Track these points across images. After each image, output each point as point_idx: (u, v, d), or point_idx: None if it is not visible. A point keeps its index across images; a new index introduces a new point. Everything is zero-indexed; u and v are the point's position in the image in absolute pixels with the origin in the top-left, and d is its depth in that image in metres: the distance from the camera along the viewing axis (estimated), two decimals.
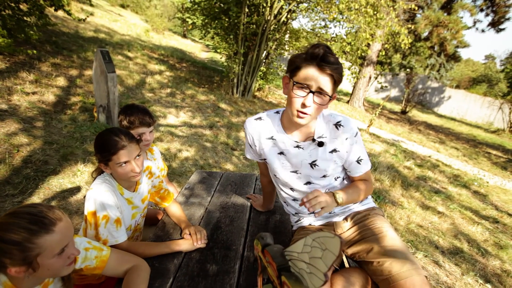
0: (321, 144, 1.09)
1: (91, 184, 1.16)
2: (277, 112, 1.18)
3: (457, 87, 27.40)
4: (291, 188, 1.23)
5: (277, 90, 10.18)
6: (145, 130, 1.51)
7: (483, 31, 14.63)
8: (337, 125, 1.09)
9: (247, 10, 6.40)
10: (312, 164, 1.13)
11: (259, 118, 1.20)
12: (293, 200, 1.28)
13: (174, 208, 1.44)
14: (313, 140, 1.10)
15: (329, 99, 0.99)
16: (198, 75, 8.50)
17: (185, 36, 20.30)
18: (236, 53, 6.77)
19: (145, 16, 18.61)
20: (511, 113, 13.46)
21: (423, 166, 5.30)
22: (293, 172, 1.19)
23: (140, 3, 21.55)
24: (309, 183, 1.19)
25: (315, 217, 1.02)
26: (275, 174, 1.24)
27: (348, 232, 1.19)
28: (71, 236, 0.84)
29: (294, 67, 0.99)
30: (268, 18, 6.34)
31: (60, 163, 2.79)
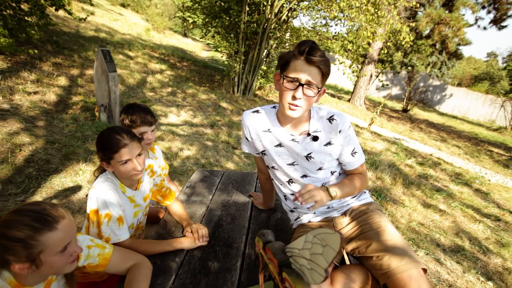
0: (315, 138, 1.13)
1: (93, 183, 1.16)
2: (273, 107, 1.23)
3: (459, 85, 27.30)
4: (290, 180, 1.25)
5: None
6: (146, 129, 1.52)
7: (485, 28, 14.55)
8: (331, 119, 1.14)
9: (247, 8, 6.39)
10: (308, 156, 1.16)
11: (256, 111, 1.23)
12: (292, 195, 1.29)
13: (175, 206, 1.45)
14: (308, 135, 1.14)
15: (318, 92, 1.04)
16: (199, 74, 8.50)
17: (185, 35, 20.29)
18: (237, 52, 6.77)
19: (145, 15, 18.61)
20: None
21: (425, 164, 5.29)
22: (290, 165, 1.21)
23: (140, 2, 21.53)
24: (305, 176, 1.21)
25: (309, 210, 1.04)
26: (273, 166, 1.26)
27: (347, 227, 1.20)
28: (73, 234, 0.84)
29: (284, 62, 1.05)
30: (269, 17, 6.33)
31: (62, 162, 2.80)
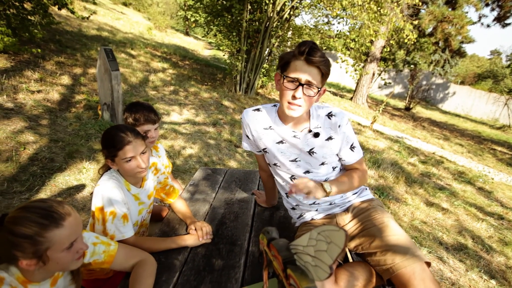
0: (317, 135, 1.15)
1: (98, 181, 1.17)
2: (274, 105, 1.24)
3: (462, 83, 27.14)
4: (292, 177, 1.25)
5: None
6: (150, 127, 1.52)
7: (488, 26, 14.44)
8: (329, 115, 1.16)
9: (249, 7, 6.38)
10: (311, 151, 1.18)
11: (257, 109, 1.25)
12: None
13: (179, 204, 1.46)
14: (309, 132, 1.16)
15: (318, 92, 1.05)
16: (201, 72, 8.51)
17: (187, 33, 20.29)
18: (239, 50, 6.76)
19: (147, 14, 18.63)
20: None
21: (427, 162, 5.27)
22: (292, 161, 1.22)
23: (142, 1, 21.54)
24: (308, 172, 1.22)
25: (303, 199, 1.06)
26: (275, 163, 1.26)
27: (350, 224, 1.21)
28: (80, 231, 0.85)
29: (284, 63, 1.06)
30: (271, 15, 6.32)
31: (65, 161, 2.82)
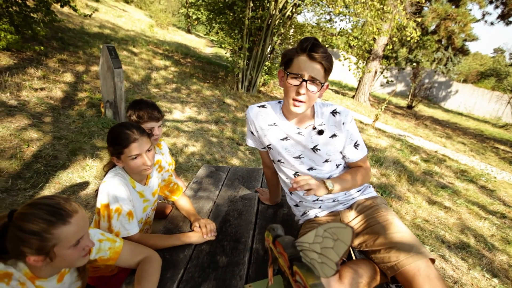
0: (321, 132, 1.16)
1: (103, 178, 1.18)
2: (278, 102, 1.25)
3: (465, 81, 26.98)
4: (296, 173, 1.26)
5: None
6: (154, 125, 1.53)
7: (492, 24, 14.34)
8: (334, 113, 1.17)
9: (252, 4, 6.35)
10: (315, 148, 1.18)
11: (262, 106, 1.26)
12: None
13: (183, 201, 1.46)
14: (314, 129, 1.17)
15: (321, 87, 1.06)
16: (203, 70, 8.50)
17: (189, 31, 20.25)
18: (241, 48, 6.75)
19: (149, 12, 18.59)
20: None
21: (430, 161, 5.26)
22: (296, 158, 1.22)
23: None
24: (312, 169, 1.22)
25: (304, 196, 1.07)
26: (279, 160, 1.27)
27: (353, 222, 1.21)
28: (86, 228, 0.86)
29: (287, 59, 1.07)
30: (273, 13, 6.30)
31: (69, 158, 2.83)
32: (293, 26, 7.47)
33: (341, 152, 1.21)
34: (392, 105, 12.86)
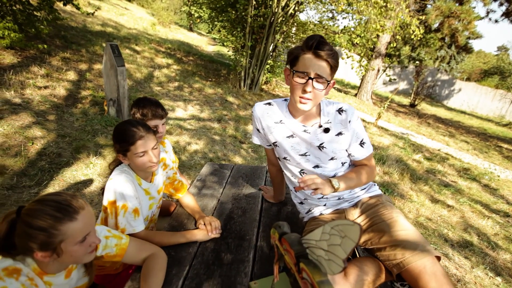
0: (327, 130, 1.16)
1: (110, 175, 1.18)
2: (285, 100, 1.25)
3: (468, 79, 26.82)
4: (302, 171, 1.26)
5: (284, 83, 10.13)
6: (158, 123, 1.53)
7: (496, 21, 14.23)
8: (340, 111, 1.17)
9: (254, 2, 6.34)
10: (320, 146, 1.18)
11: (268, 103, 1.26)
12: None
13: (187, 199, 1.47)
14: (320, 127, 1.17)
15: (327, 85, 1.06)
16: (205, 68, 8.50)
17: (191, 29, 20.23)
18: (243, 46, 6.74)
19: (151, 10, 18.59)
20: None
21: (432, 159, 5.25)
22: (302, 156, 1.22)
23: None
24: (317, 167, 1.22)
25: (311, 195, 1.07)
26: (285, 157, 1.27)
27: (358, 220, 1.21)
28: (93, 225, 0.87)
29: (293, 57, 1.07)
30: (276, 10, 6.28)
31: (73, 156, 2.85)
32: (295, 24, 7.44)
33: (346, 150, 1.21)
34: (394, 104, 12.81)
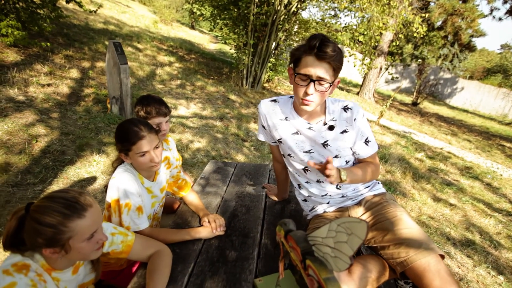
0: (332, 127, 1.16)
1: (113, 173, 1.19)
2: (290, 97, 1.25)
3: (471, 78, 26.64)
4: (306, 168, 1.27)
5: (286, 81, 10.11)
6: (161, 120, 1.54)
7: (500, 19, 14.10)
8: (345, 108, 1.17)
9: (256, 0, 6.32)
10: (325, 144, 1.19)
11: (274, 100, 1.26)
12: (307, 183, 1.30)
13: (191, 197, 1.48)
14: (325, 124, 1.17)
15: (330, 86, 1.04)
16: (207, 66, 8.49)
17: (193, 27, 20.21)
18: (245, 44, 6.73)
19: (153, 8, 18.56)
20: None
21: (435, 158, 5.24)
22: (306, 153, 1.23)
23: None
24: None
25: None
26: (289, 154, 1.28)
27: (362, 218, 1.21)
28: (100, 222, 0.88)
29: (295, 59, 1.06)
30: (278, 8, 6.26)
31: (76, 153, 2.86)
32: (297, 22, 7.42)
33: (351, 148, 1.21)
34: (397, 102, 12.77)
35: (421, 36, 5.95)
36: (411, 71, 17.72)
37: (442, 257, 0.95)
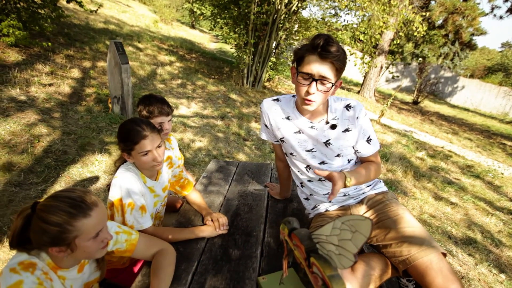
0: (334, 126, 1.16)
1: (116, 173, 1.19)
2: (293, 96, 1.25)
3: (471, 76, 26.59)
4: (308, 167, 1.27)
5: (286, 80, 10.11)
6: (164, 119, 1.54)
7: (501, 17, 14.07)
8: (348, 107, 1.17)
9: None
10: (327, 143, 1.19)
11: (277, 99, 1.27)
12: (309, 181, 1.31)
13: (194, 196, 1.48)
14: (327, 123, 1.17)
15: (332, 86, 1.04)
16: (207, 65, 8.49)
17: (193, 26, 20.19)
18: (246, 43, 6.73)
19: (153, 7, 18.54)
20: None
21: (436, 157, 5.24)
22: (308, 152, 1.23)
23: None
24: (323, 163, 1.23)
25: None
26: (291, 153, 1.28)
27: None
28: (105, 221, 0.88)
29: (298, 57, 1.06)
30: (279, 7, 6.25)
31: (78, 153, 2.87)
32: (298, 21, 7.41)
33: (353, 147, 1.21)
34: (397, 101, 12.76)
35: (422, 35, 5.94)
36: (411, 69, 17.70)
37: (444, 255, 0.96)
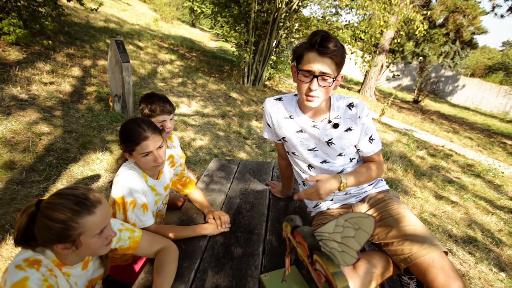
0: (336, 125, 1.16)
1: (117, 171, 1.20)
2: (295, 95, 1.25)
3: (472, 75, 26.55)
4: (310, 166, 1.28)
5: (287, 79, 10.10)
6: (166, 118, 1.54)
7: (502, 16, 14.02)
8: (350, 106, 1.17)
9: None
10: (329, 142, 1.19)
11: (279, 98, 1.27)
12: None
13: (196, 194, 1.49)
14: (329, 122, 1.17)
15: (334, 81, 1.05)
16: (208, 64, 8.49)
17: (193, 25, 20.16)
18: (246, 42, 6.72)
19: (153, 5, 18.52)
20: None
21: (436, 156, 5.24)
22: (310, 151, 1.24)
23: None
24: (325, 162, 1.23)
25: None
26: (293, 152, 1.29)
27: None
28: (109, 218, 0.89)
29: (297, 55, 1.07)
30: (279, 6, 6.25)
31: (79, 151, 2.88)
32: (298, 20, 7.40)
33: (355, 146, 1.22)
34: (398, 100, 12.75)
35: (422, 34, 5.93)
36: (412, 68, 17.68)
37: (446, 253, 0.96)
